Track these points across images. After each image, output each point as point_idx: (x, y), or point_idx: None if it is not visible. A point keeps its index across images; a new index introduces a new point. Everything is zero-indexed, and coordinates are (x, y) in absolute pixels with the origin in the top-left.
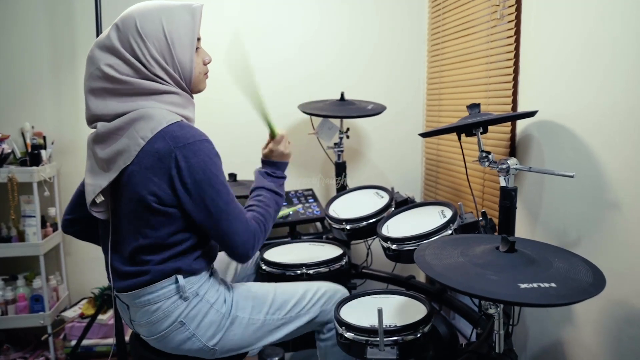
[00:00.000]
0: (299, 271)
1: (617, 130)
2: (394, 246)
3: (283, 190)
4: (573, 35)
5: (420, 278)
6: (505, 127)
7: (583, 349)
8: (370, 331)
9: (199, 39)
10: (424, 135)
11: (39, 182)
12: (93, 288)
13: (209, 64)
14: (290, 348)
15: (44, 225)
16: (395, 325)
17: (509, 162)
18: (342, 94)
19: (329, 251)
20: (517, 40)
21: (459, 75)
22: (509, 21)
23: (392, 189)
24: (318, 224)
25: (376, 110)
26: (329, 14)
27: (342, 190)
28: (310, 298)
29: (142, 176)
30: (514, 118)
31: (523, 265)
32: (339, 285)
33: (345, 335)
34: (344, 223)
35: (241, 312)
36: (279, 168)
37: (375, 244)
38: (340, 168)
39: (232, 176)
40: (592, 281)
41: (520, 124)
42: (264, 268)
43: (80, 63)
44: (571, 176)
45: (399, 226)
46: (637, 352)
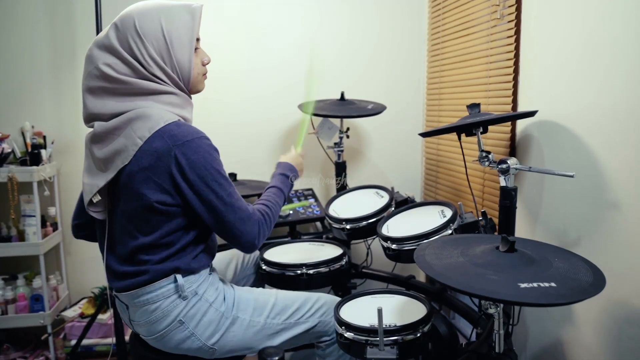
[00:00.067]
0: (298, 271)
1: (617, 130)
2: (394, 246)
3: (289, 190)
4: (573, 35)
5: (420, 278)
6: (505, 127)
7: (583, 348)
8: (370, 331)
9: (198, 39)
10: (424, 135)
11: (39, 182)
12: (93, 288)
13: (207, 64)
14: (290, 348)
15: (44, 224)
16: (395, 325)
17: (509, 162)
18: (342, 94)
19: (329, 251)
20: (517, 40)
21: (459, 75)
22: (509, 21)
23: (392, 188)
24: (318, 224)
25: (376, 110)
26: (328, 14)
27: (342, 190)
28: (310, 307)
29: (142, 176)
30: (514, 118)
31: (523, 265)
32: (338, 298)
33: (345, 335)
34: (344, 223)
35: (242, 314)
36: (295, 175)
37: (375, 243)
38: (340, 168)
39: (232, 176)
40: (592, 281)
41: (520, 124)
42: (263, 268)
43: (80, 63)
44: (571, 176)
45: (399, 226)
46: (637, 352)
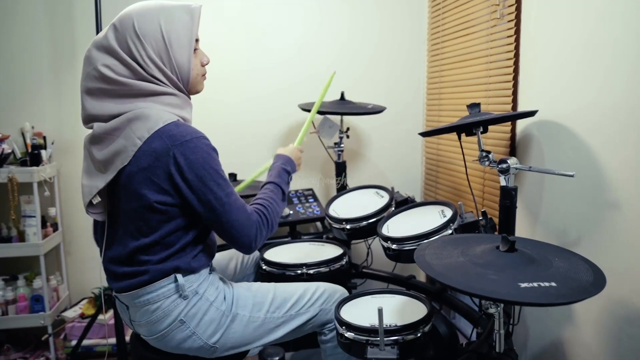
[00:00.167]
0: (299, 271)
1: (617, 129)
2: (394, 246)
3: (288, 188)
4: (573, 34)
5: (421, 278)
6: (506, 127)
7: (583, 348)
8: (370, 331)
9: (197, 40)
10: (424, 134)
11: (39, 182)
12: (93, 288)
13: (207, 65)
14: (291, 348)
15: (44, 225)
16: (395, 325)
17: (509, 162)
18: (342, 94)
19: (329, 251)
20: (517, 40)
21: (459, 74)
22: (509, 21)
23: (392, 188)
24: (318, 224)
25: (377, 108)
26: (329, 14)
27: (342, 190)
28: (310, 297)
29: (142, 176)
30: (514, 118)
31: (523, 264)
32: (337, 286)
33: (346, 335)
34: (344, 223)
35: (242, 310)
36: (292, 168)
37: (376, 243)
38: (341, 168)
39: (232, 176)
40: (592, 280)
41: (520, 124)
42: (264, 268)
43: (80, 63)
44: (571, 176)
45: (399, 226)
46: (638, 352)
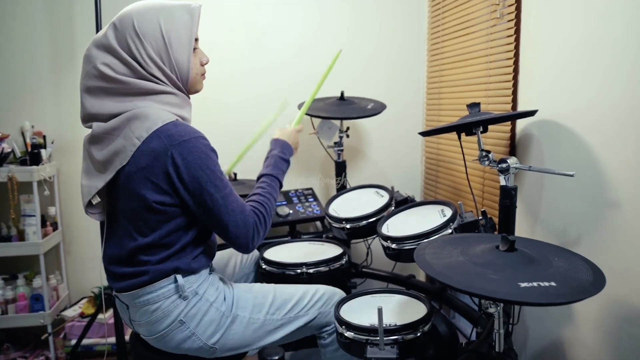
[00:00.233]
0: (298, 270)
1: (617, 129)
2: (393, 245)
3: (284, 176)
4: (573, 34)
5: (420, 277)
6: (505, 126)
7: (583, 347)
8: (370, 330)
9: (196, 39)
10: (424, 134)
11: (39, 182)
12: (93, 287)
13: (206, 64)
14: (291, 347)
15: (43, 224)
16: (395, 325)
17: (508, 161)
18: (342, 93)
19: (329, 250)
20: (517, 40)
21: (459, 74)
22: (509, 20)
23: (392, 188)
24: (318, 223)
25: (376, 109)
26: (328, 13)
27: (342, 190)
28: (309, 300)
29: (140, 176)
30: (513, 117)
31: (523, 264)
32: (336, 288)
33: (346, 335)
34: (344, 222)
35: (242, 312)
36: (290, 152)
37: (375, 243)
38: (340, 167)
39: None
40: (592, 280)
41: (520, 123)
42: (263, 267)
43: (80, 62)
44: (571, 175)
45: (399, 225)
46: (637, 351)
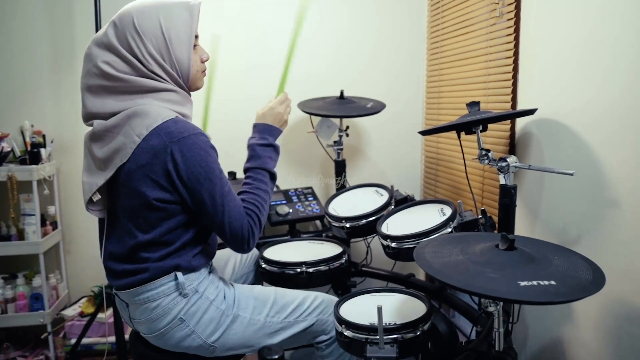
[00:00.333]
0: (298, 269)
1: (617, 128)
2: (393, 244)
3: (274, 163)
4: (573, 33)
5: (420, 276)
6: (505, 125)
7: (583, 346)
8: (370, 329)
9: (196, 36)
10: (424, 133)
11: (39, 181)
12: (93, 286)
13: (206, 61)
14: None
15: (43, 223)
16: (395, 323)
17: (508, 160)
18: (342, 92)
19: (328, 249)
20: (517, 38)
21: (459, 73)
22: (509, 19)
23: (392, 187)
24: (318, 222)
25: (375, 108)
26: (328, 13)
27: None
28: (309, 305)
29: (140, 173)
30: (513, 116)
31: (523, 263)
32: (335, 298)
33: (345, 334)
34: (343, 221)
35: (243, 312)
36: (270, 133)
37: (375, 242)
38: (340, 166)
39: (232, 174)
40: (592, 279)
41: (520, 122)
42: (263, 266)
43: (80, 61)
44: (571, 174)
45: (399, 224)
46: (637, 350)
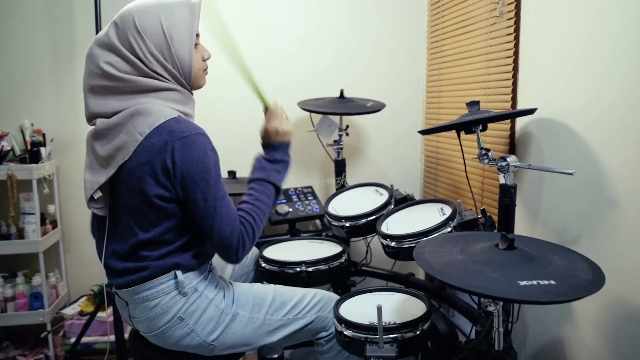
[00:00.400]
0: (298, 269)
1: (617, 128)
2: (393, 243)
3: (281, 177)
4: (573, 33)
5: (420, 275)
6: (505, 125)
7: (582, 346)
8: (369, 329)
9: (197, 35)
10: (424, 132)
11: (39, 180)
12: (92, 285)
13: (208, 59)
14: (290, 346)
15: (43, 222)
16: (394, 323)
17: (508, 160)
18: (342, 92)
19: (328, 249)
20: (517, 38)
21: (459, 72)
22: (509, 19)
23: (392, 186)
24: (317, 222)
25: (375, 107)
26: (328, 12)
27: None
28: (308, 302)
29: (141, 172)
30: (513, 115)
31: (522, 262)
32: (334, 294)
33: (345, 333)
34: (343, 220)
35: (242, 310)
36: (275, 149)
37: (375, 241)
38: (340, 166)
39: (232, 174)
40: (592, 279)
41: (520, 122)
42: (263, 265)
43: (80, 61)
44: (571, 174)
45: (398, 224)
46: (637, 349)
